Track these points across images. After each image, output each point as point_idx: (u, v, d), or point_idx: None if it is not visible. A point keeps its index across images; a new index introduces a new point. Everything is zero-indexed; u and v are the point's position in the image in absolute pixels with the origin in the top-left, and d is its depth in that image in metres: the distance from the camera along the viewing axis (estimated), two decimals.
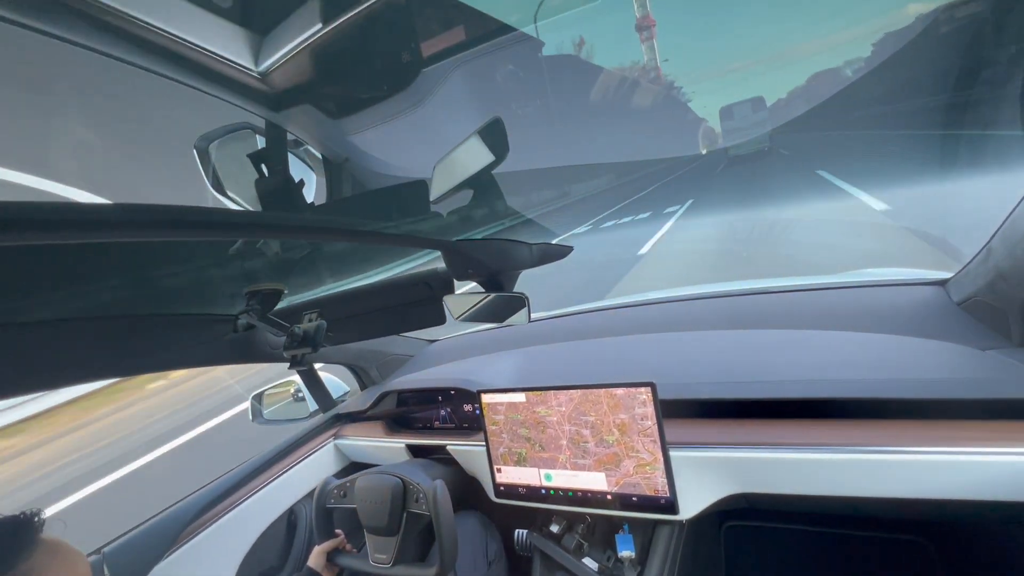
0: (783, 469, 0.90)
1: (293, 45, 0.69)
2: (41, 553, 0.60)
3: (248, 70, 0.81)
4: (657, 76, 37.55)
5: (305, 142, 0.91)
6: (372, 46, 0.75)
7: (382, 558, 1.14)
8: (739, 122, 20.16)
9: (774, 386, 0.99)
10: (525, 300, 1.08)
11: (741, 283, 1.64)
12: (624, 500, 1.02)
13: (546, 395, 1.09)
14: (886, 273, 1.41)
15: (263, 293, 1.11)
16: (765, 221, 7.19)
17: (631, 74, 33.53)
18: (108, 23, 0.59)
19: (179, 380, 7.58)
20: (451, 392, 1.47)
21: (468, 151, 0.84)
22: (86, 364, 0.96)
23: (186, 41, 0.70)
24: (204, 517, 1.24)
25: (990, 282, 0.92)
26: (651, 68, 37.43)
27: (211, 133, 0.84)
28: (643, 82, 35.50)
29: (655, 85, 36.75)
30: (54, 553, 0.62)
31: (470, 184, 0.88)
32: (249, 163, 0.83)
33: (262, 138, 0.85)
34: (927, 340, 0.98)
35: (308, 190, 0.89)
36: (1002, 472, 0.75)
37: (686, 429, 1.02)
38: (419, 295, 1.27)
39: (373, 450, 1.54)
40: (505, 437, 1.16)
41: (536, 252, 1.10)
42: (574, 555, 1.05)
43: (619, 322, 1.63)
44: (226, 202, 0.88)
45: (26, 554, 0.59)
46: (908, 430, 0.84)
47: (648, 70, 37.10)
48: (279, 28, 0.68)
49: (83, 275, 0.76)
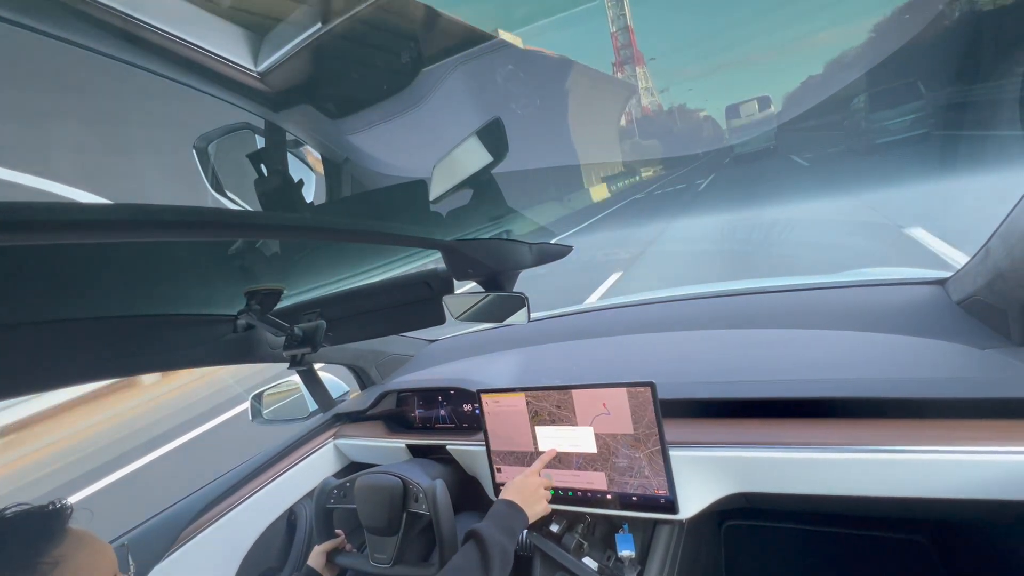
0: (782, 468, 0.90)
1: (293, 45, 0.69)
2: (70, 542, 0.63)
3: (247, 70, 0.81)
4: (656, 102, 37.44)
5: (305, 142, 0.91)
6: (372, 46, 0.75)
7: (382, 558, 1.14)
8: (745, 120, 20.21)
9: (774, 386, 0.99)
10: (525, 300, 1.08)
11: (740, 283, 1.64)
12: (624, 500, 1.02)
13: (546, 395, 1.09)
14: (886, 272, 1.41)
15: (263, 293, 1.11)
16: (765, 220, 7.20)
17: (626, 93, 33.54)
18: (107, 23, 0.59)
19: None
20: (451, 392, 1.47)
21: (467, 151, 0.84)
22: (86, 364, 0.96)
23: (185, 41, 0.70)
24: (204, 517, 1.24)
25: (989, 281, 0.92)
26: (650, 96, 37.31)
27: (210, 133, 0.84)
28: (641, 105, 35.53)
29: (654, 109, 36.66)
30: (81, 542, 0.64)
31: (469, 184, 0.88)
32: (249, 163, 0.83)
33: (262, 138, 0.85)
34: (926, 339, 0.98)
35: (308, 190, 0.89)
36: (1001, 471, 0.75)
37: (686, 429, 1.02)
38: (419, 295, 1.27)
39: (373, 450, 1.55)
40: (505, 437, 1.16)
41: (535, 252, 1.11)
42: (574, 555, 1.06)
43: (618, 322, 1.63)
44: (226, 202, 0.88)
45: (56, 543, 0.62)
46: (907, 429, 0.84)
47: (649, 97, 37.02)
48: (279, 28, 0.67)
49: (83, 275, 0.76)
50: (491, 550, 0.83)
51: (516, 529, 0.92)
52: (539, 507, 1.00)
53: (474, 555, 0.83)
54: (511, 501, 0.96)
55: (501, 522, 0.90)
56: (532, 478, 1.02)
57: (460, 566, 0.82)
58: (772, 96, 21.07)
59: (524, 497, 0.97)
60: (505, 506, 0.95)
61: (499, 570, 0.83)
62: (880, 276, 1.37)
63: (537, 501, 0.99)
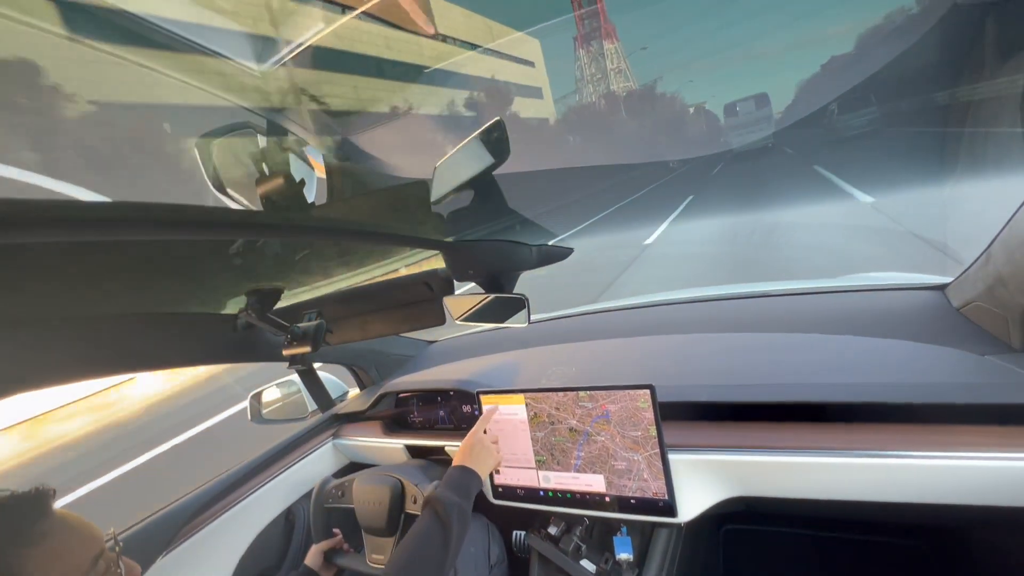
0: (782, 472, 0.90)
1: (294, 45, 0.69)
2: (54, 522, 0.65)
3: (249, 69, 0.81)
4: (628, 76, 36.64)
5: (305, 142, 0.91)
6: (372, 46, 0.75)
7: (379, 558, 1.14)
8: (743, 118, 20.28)
9: (773, 389, 0.98)
10: (525, 301, 1.08)
11: (741, 286, 1.64)
12: (622, 502, 1.01)
13: (545, 396, 1.09)
14: (886, 277, 1.41)
15: (263, 292, 1.11)
16: (765, 224, 7.20)
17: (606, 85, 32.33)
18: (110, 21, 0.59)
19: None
20: (450, 393, 1.47)
21: (469, 152, 0.84)
22: (86, 363, 0.97)
23: (188, 40, 0.70)
24: (202, 516, 1.24)
25: (989, 287, 0.92)
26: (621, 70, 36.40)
27: (211, 132, 0.84)
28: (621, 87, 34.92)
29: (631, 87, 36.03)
30: (66, 522, 0.67)
31: (471, 185, 0.88)
32: (249, 162, 0.83)
33: (262, 138, 0.86)
34: (926, 345, 0.98)
35: (308, 190, 0.89)
36: (1000, 477, 0.75)
37: (685, 432, 1.02)
38: (419, 295, 1.27)
39: (372, 450, 1.54)
40: (503, 438, 1.16)
41: (536, 253, 1.11)
42: (572, 557, 1.05)
43: (618, 324, 1.63)
44: (226, 201, 0.89)
45: (40, 521, 0.64)
46: (907, 434, 0.84)
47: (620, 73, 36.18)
48: (280, 28, 0.68)
49: (84, 274, 0.76)
50: (449, 510, 0.89)
51: (471, 489, 0.98)
52: (490, 462, 1.07)
53: (432, 517, 0.89)
54: (461, 465, 1.01)
55: (454, 485, 0.96)
56: (476, 437, 1.08)
57: (421, 530, 0.87)
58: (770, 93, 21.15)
59: (473, 458, 1.03)
60: (457, 471, 1.00)
61: (457, 527, 0.88)
62: (881, 281, 1.37)
63: (487, 458, 1.06)
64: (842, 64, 30.37)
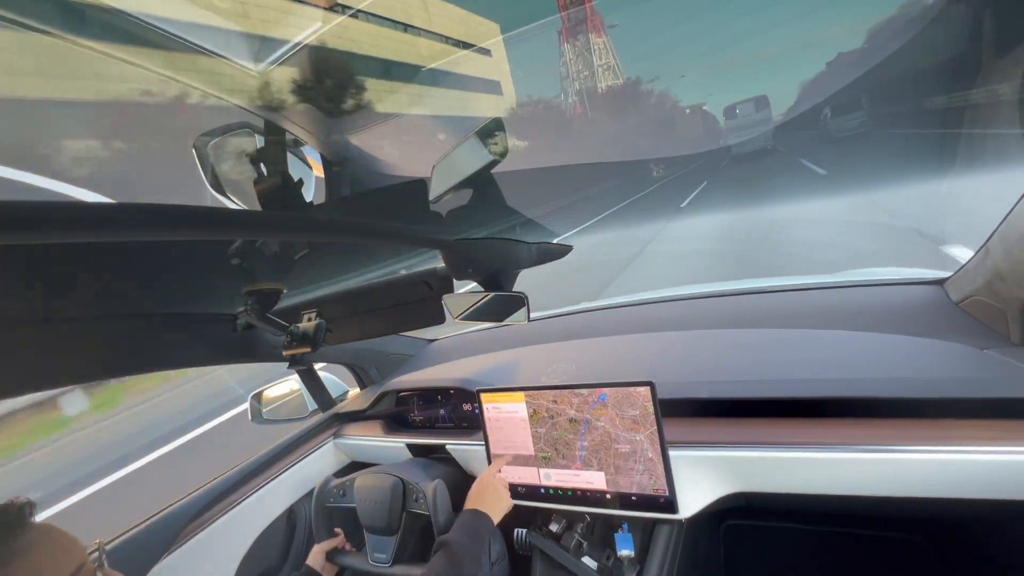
0: (782, 468, 0.90)
1: (292, 45, 0.69)
2: (34, 534, 0.64)
3: (247, 69, 0.81)
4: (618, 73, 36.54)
5: (305, 142, 0.91)
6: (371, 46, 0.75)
7: (381, 557, 1.14)
8: (742, 120, 20.29)
9: (773, 385, 0.99)
10: (524, 299, 1.08)
11: (739, 282, 1.64)
12: (623, 499, 1.02)
13: (545, 394, 1.09)
14: (885, 272, 1.41)
15: (262, 292, 1.11)
16: (764, 220, 7.21)
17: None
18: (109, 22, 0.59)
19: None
20: (450, 391, 1.48)
21: (467, 151, 0.84)
22: (86, 364, 0.97)
23: (185, 40, 0.70)
24: (204, 516, 1.24)
25: (988, 281, 0.92)
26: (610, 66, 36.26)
27: (210, 132, 0.84)
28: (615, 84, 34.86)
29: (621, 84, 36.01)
30: (46, 535, 0.65)
31: (469, 183, 0.88)
32: (248, 163, 0.83)
33: (261, 138, 0.85)
34: (925, 339, 0.98)
35: (308, 190, 0.89)
36: (999, 471, 0.75)
37: (685, 428, 1.02)
38: (419, 294, 1.27)
39: (373, 449, 1.55)
40: (504, 436, 1.16)
41: (535, 251, 1.11)
42: (573, 554, 1.06)
43: (618, 321, 1.63)
44: (225, 202, 0.89)
45: (19, 535, 0.62)
46: (907, 429, 0.84)
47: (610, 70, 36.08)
48: (278, 28, 0.68)
49: (84, 274, 0.76)
50: (461, 554, 0.90)
51: (483, 532, 1.00)
52: (502, 505, 1.08)
53: (444, 561, 0.90)
54: (474, 509, 1.03)
55: (466, 528, 0.98)
56: (488, 480, 1.10)
57: (433, 574, 0.89)
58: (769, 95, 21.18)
59: (485, 501, 1.05)
60: (468, 515, 1.02)
61: (468, 571, 0.90)
62: (879, 276, 1.37)
63: (498, 501, 1.07)
64: (847, 63, 30.39)
